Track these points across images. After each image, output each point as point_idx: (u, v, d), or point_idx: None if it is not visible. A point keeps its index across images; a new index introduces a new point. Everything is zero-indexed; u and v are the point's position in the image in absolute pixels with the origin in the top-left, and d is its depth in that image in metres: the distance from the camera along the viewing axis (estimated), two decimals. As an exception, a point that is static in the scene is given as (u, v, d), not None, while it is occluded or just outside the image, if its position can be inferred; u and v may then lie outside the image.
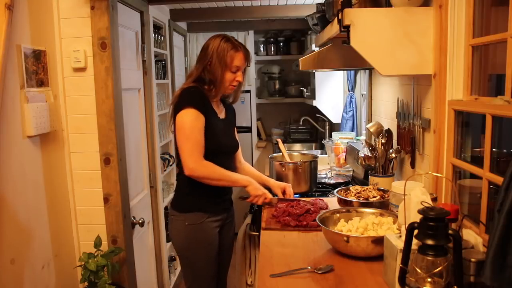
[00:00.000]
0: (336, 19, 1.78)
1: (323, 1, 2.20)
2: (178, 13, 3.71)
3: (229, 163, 2.04)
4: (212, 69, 1.86)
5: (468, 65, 1.57)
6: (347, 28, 1.71)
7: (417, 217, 1.11)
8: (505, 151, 1.44)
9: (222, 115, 2.00)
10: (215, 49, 1.85)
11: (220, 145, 1.92)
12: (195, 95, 1.84)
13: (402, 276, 1.15)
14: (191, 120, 1.80)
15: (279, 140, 2.74)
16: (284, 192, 2.11)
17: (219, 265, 2.03)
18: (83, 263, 2.18)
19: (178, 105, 1.83)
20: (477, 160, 1.50)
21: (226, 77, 1.87)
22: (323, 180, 2.74)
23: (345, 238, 1.46)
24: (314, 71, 3.39)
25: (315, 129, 4.51)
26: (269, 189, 2.13)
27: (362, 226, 1.57)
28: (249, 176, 2.11)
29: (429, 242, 1.07)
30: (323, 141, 3.40)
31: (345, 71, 3.62)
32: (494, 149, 1.38)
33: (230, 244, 2.14)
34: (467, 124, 1.62)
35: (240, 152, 2.15)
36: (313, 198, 2.12)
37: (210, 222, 1.92)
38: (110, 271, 2.21)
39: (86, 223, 2.37)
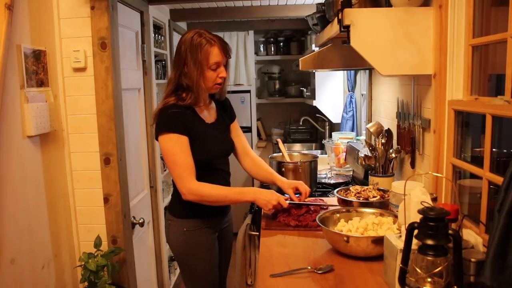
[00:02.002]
0: (336, 19, 1.78)
1: (323, 1, 2.20)
2: (178, 13, 3.71)
3: (225, 166, 1.95)
4: (188, 72, 1.71)
5: (468, 65, 1.57)
6: (347, 28, 1.71)
7: (417, 217, 1.11)
8: (505, 151, 1.44)
9: (212, 118, 1.89)
10: (188, 49, 1.70)
11: (211, 154, 1.84)
12: (171, 117, 1.72)
13: (402, 276, 1.15)
14: (172, 145, 1.72)
15: (279, 140, 2.74)
16: (296, 190, 1.97)
17: (219, 269, 2.00)
18: (83, 263, 2.18)
19: (157, 129, 1.75)
20: (477, 160, 1.50)
21: (207, 77, 1.73)
22: (323, 180, 2.74)
23: (345, 238, 1.46)
24: (314, 71, 3.39)
25: (315, 129, 4.51)
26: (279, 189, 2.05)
27: (362, 226, 1.57)
28: (260, 172, 2.04)
29: (429, 242, 1.07)
30: (323, 141, 3.40)
31: (345, 71, 3.63)
32: (494, 149, 1.38)
33: (229, 248, 2.10)
34: (467, 124, 1.62)
35: (247, 147, 2.04)
36: (313, 198, 2.12)
37: (208, 227, 1.88)
38: (110, 271, 2.21)
39: (86, 223, 2.37)
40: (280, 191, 1.97)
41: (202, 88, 1.74)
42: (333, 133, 3.39)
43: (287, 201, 1.87)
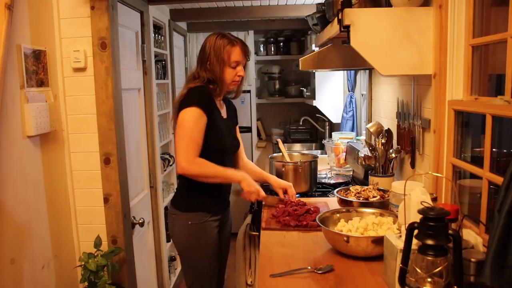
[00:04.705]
0: (336, 19, 1.78)
1: (323, 1, 2.20)
2: (178, 13, 3.71)
3: (232, 162, 2.06)
4: (211, 67, 1.85)
5: (468, 65, 1.57)
6: (347, 28, 1.71)
7: (417, 217, 1.11)
8: (505, 151, 1.44)
9: (224, 114, 2.01)
10: (212, 47, 1.85)
11: (224, 145, 1.93)
12: (201, 94, 1.84)
13: (402, 276, 1.15)
14: (192, 119, 1.79)
15: (279, 140, 2.74)
16: (285, 192, 2.10)
17: (219, 263, 2.04)
18: (83, 263, 2.18)
19: (183, 103, 1.82)
20: (477, 160, 1.50)
21: (227, 74, 1.87)
22: (323, 180, 2.74)
23: (345, 238, 1.46)
24: (314, 71, 3.39)
25: (315, 129, 4.50)
26: (268, 188, 2.13)
27: (362, 226, 1.57)
28: (250, 173, 2.12)
29: (429, 242, 1.07)
30: (323, 141, 3.40)
31: (345, 71, 3.62)
32: (494, 149, 1.38)
33: (228, 243, 2.16)
34: (467, 124, 1.62)
35: (242, 149, 2.16)
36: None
37: (211, 221, 1.93)
38: (110, 271, 2.21)
39: (86, 223, 2.37)
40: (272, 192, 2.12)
41: (224, 82, 1.88)
42: (333, 133, 3.39)
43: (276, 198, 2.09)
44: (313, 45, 3.22)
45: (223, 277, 2.18)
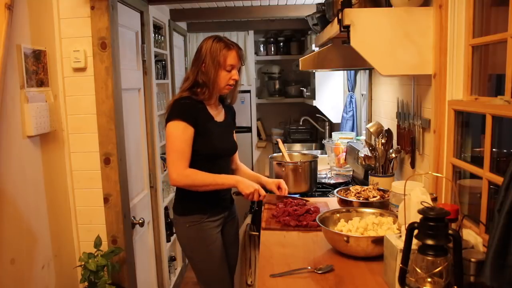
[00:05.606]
0: (336, 19, 1.78)
1: (323, 1, 2.20)
2: (178, 13, 3.71)
3: (227, 166, 2.05)
4: (206, 70, 1.87)
5: (468, 65, 1.57)
6: (347, 28, 1.71)
7: (417, 217, 1.11)
8: (505, 151, 1.44)
9: (220, 117, 2.00)
10: (208, 50, 1.87)
11: (215, 150, 1.93)
12: (184, 107, 1.86)
13: (402, 276, 1.15)
14: (177, 132, 1.83)
15: (279, 140, 2.74)
16: (279, 188, 2.12)
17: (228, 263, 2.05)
18: (83, 263, 2.18)
19: (168, 117, 1.87)
20: (477, 160, 1.50)
21: (221, 77, 1.88)
22: (323, 180, 2.74)
23: (345, 238, 1.46)
24: (314, 71, 3.39)
25: (315, 129, 4.51)
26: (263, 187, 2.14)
27: (362, 226, 1.57)
28: (245, 176, 2.13)
29: (429, 242, 1.07)
30: (323, 141, 3.40)
31: (345, 71, 3.63)
32: (494, 149, 1.38)
33: (235, 241, 2.15)
34: (467, 124, 1.62)
35: (236, 153, 2.16)
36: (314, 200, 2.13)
37: (210, 221, 1.94)
38: (110, 271, 2.21)
39: (86, 223, 2.37)
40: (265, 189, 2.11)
41: (217, 85, 1.89)
42: (333, 133, 3.39)
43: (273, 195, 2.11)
44: (313, 45, 3.22)
45: (233, 276, 2.17)
